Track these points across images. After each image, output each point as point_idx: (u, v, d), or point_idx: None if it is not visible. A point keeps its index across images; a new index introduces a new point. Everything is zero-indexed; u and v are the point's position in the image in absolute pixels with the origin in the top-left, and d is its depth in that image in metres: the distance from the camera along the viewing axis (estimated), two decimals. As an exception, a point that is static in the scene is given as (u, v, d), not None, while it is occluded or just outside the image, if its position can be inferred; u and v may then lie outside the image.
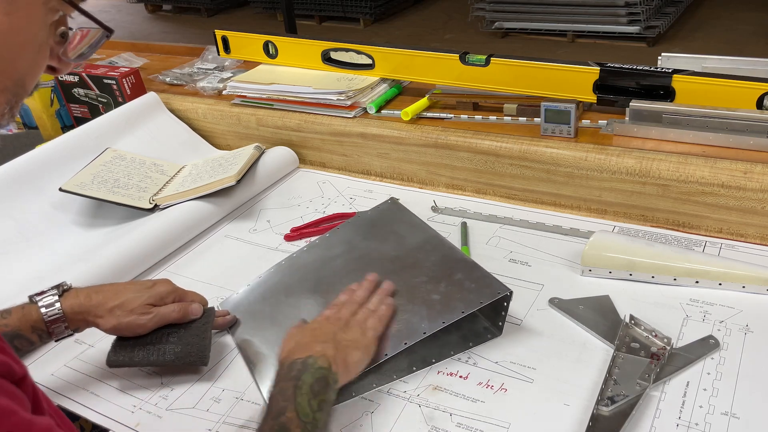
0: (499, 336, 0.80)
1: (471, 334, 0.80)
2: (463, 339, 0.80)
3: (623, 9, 3.89)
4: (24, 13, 0.45)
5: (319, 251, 0.95)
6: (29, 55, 0.48)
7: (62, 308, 0.74)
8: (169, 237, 1.03)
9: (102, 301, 0.76)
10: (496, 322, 0.81)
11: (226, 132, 1.33)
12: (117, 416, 0.74)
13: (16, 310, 0.75)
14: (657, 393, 0.70)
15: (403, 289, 0.82)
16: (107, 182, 1.12)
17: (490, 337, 0.80)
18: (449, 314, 0.76)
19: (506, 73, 1.11)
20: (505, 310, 0.79)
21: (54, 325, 0.74)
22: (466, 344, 0.79)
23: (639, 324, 0.78)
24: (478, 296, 0.77)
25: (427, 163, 1.14)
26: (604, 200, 1.01)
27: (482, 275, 0.81)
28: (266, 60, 1.35)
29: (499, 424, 0.69)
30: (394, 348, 0.74)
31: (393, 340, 0.75)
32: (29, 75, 0.49)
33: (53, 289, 0.76)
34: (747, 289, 0.83)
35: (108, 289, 0.78)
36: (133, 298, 0.76)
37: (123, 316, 0.75)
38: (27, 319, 0.74)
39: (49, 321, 0.74)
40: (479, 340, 0.80)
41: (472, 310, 0.76)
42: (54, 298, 0.75)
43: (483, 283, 0.79)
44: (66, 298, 0.75)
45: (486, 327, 0.81)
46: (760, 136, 0.92)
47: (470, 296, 0.77)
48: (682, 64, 1.08)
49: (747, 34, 3.99)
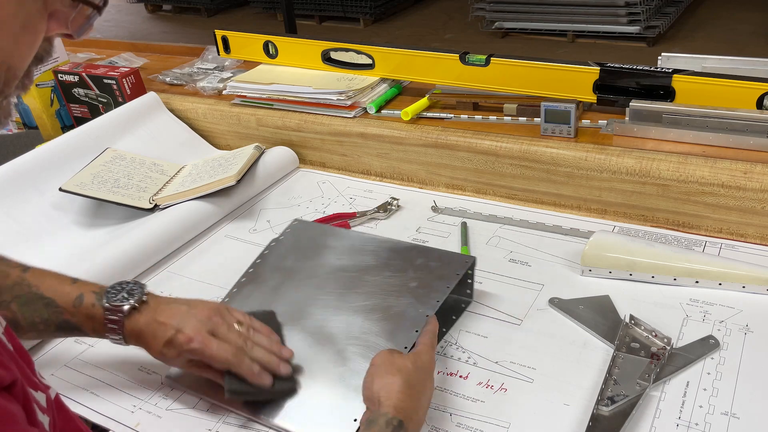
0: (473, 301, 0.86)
1: (450, 310, 0.84)
2: (446, 316, 0.83)
3: (623, 9, 3.89)
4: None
5: (254, 288, 0.88)
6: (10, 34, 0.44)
7: (124, 331, 0.72)
8: (169, 237, 1.03)
9: (159, 334, 0.71)
10: (464, 291, 0.86)
11: (226, 132, 1.33)
12: (117, 416, 0.74)
13: (86, 308, 0.72)
14: (657, 393, 0.70)
15: (380, 290, 0.82)
16: (107, 182, 1.12)
17: (464, 307, 0.85)
18: (436, 293, 0.80)
19: (506, 73, 1.11)
20: (471, 278, 0.85)
21: (110, 336, 0.72)
22: (450, 320, 0.83)
23: (639, 324, 0.78)
24: (451, 270, 0.83)
25: (427, 163, 1.14)
26: (604, 200, 1.01)
27: (439, 254, 0.86)
28: (266, 60, 1.35)
29: (499, 424, 0.69)
30: (408, 339, 0.74)
31: (404, 333, 0.75)
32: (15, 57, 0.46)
33: (130, 297, 0.72)
34: (747, 289, 0.83)
35: (173, 317, 0.71)
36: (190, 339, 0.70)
37: (172, 360, 0.72)
38: (90, 321, 0.72)
39: (107, 332, 0.72)
40: (459, 312, 0.85)
41: (455, 283, 0.81)
42: (121, 314, 0.71)
43: (446, 260, 0.85)
44: (131, 318, 0.71)
45: (457, 298, 0.86)
46: (760, 136, 0.92)
47: (443, 272, 0.82)
48: (682, 64, 1.08)
49: (747, 34, 3.99)
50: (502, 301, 0.86)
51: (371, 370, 0.67)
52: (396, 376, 0.64)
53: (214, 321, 0.72)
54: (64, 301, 0.72)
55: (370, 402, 0.64)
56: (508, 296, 0.87)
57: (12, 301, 0.72)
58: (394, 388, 0.63)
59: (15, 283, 0.73)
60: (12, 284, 0.73)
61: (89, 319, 0.72)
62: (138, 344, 0.73)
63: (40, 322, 0.72)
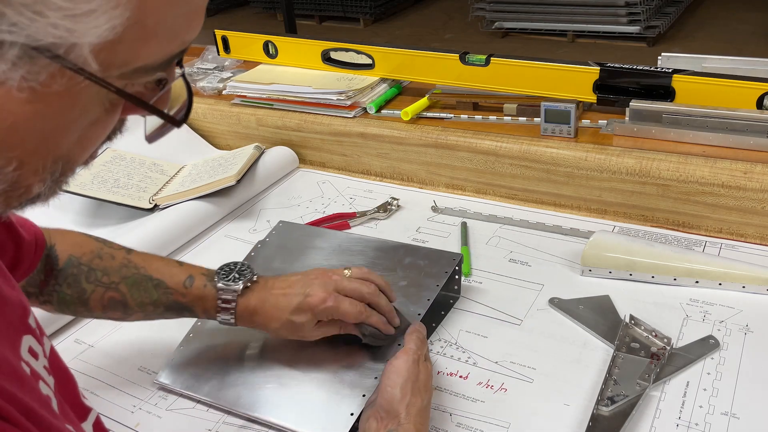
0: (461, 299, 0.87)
1: (438, 306, 0.85)
2: (435, 313, 0.84)
3: (623, 9, 3.89)
4: (55, 100, 0.38)
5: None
6: (71, 135, 0.41)
7: (236, 310, 0.72)
8: (169, 237, 1.03)
9: (283, 304, 0.71)
10: (451, 287, 0.87)
11: (226, 132, 1.33)
12: (117, 416, 0.74)
13: (197, 289, 0.72)
14: (657, 393, 0.70)
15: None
16: (107, 182, 1.12)
17: (453, 303, 0.87)
18: (426, 291, 0.80)
19: (506, 73, 1.11)
20: (458, 274, 0.86)
21: (221, 317, 0.72)
22: (440, 315, 0.84)
23: (639, 324, 0.78)
24: (439, 268, 0.83)
25: (427, 163, 1.14)
26: (604, 200, 1.01)
27: (427, 252, 0.87)
28: (266, 60, 1.35)
29: (499, 424, 0.69)
30: (400, 338, 0.74)
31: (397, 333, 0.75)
32: (75, 152, 0.43)
33: (241, 277, 0.72)
34: (747, 289, 0.83)
35: (294, 285, 0.72)
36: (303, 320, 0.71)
37: (290, 332, 0.73)
38: (201, 302, 0.72)
39: (219, 312, 0.72)
40: (448, 308, 0.86)
41: (444, 281, 0.82)
42: (235, 293, 0.71)
43: (433, 258, 0.86)
44: (244, 297, 0.72)
45: (445, 294, 0.87)
46: (760, 136, 0.92)
47: (432, 271, 0.83)
48: (682, 64, 1.08)
49: (747, 34, 3.99)
50: (502, 300, 0.86)
51: (394, 378, 0.65)
52: (417, 397, 0.65)
53: (334, 279, 0.73)
54: (173, 282, 0.72)
55: (387, 413, 0.64)
56: (508, 296, 0.87)
57: (120, 282, 0.72)
58: (414, 410, 0.64)
59: (122, 264, 0.73)
60: (119, 266, 0.73)
61: (200, 299, 0.72)
62: (250, 323, 0.73)
63: (149, 303, 0.72)
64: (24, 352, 0.48)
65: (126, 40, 0.37)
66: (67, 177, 0.44)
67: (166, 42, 0.40)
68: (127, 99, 0.40)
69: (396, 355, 0.68)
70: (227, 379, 0.75)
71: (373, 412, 0.65)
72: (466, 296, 0.88)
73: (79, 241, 0.75)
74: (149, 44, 0.39)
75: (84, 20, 0.35)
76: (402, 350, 0.69)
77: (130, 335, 0.86)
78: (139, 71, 0.40)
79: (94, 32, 0.36)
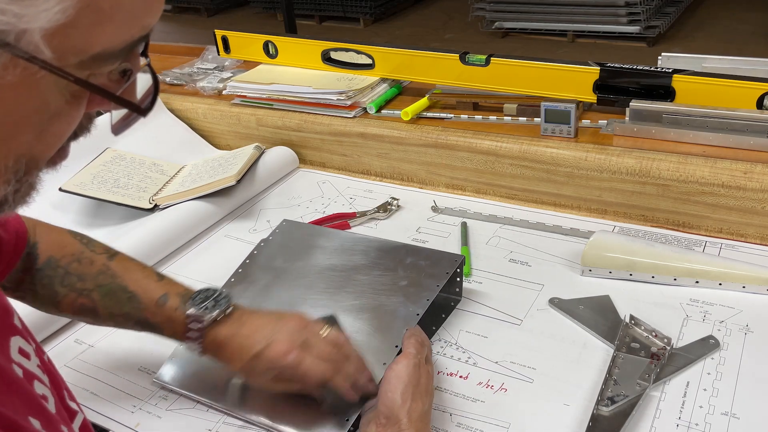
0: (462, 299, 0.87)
1: (439, 309, 0.85)
2: (436, 315, 0.84)
3: (623, 9, 3.89)
4: (9, 92, 0.36)
5: (244, 288, 0.86)
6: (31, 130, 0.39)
7: (204, 340, 0.68)
8: (169, 237, 1.03)
9: (246, 346, 0.67)
10: (453, 290, 0.86)
11: (226, 132, 1.33)
12: (117, 416, 0.74)
13: (169, 310, 0.69)
14: (657, 393, 0.70)
15: (370, 289, 0.83)
16: (107, 182, 1.12)
17: (454, 305, 0.86)
18: (427, 292, 0.80)
19: (506, 73, 1.11)
20: (459, 276, 0.86)
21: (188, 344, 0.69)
22: (441, 318, 0.84)
23: (639, 324, 0.78)
24: (440, 269, 0.83)
25: (427, 163, 1.14)
26: (604, 200, 1.01)
27: (428, 253, 0.87)
28: (266, 60, 1.35)
29: (499, 424, 0.69)
30: (399, 338, 0.74)
31: (395, 332, 0.75)
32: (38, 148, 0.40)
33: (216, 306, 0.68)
34: (747, 289, 0.83)
35: (263, 328, 0.68)
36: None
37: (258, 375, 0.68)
38: (170, 324, 0.69)
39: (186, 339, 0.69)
40: (449, 311, 0.85)
41: (444, 282, 0.81)
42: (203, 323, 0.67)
43: (435, 259, 0.85)
44: (213, 329, 0.67)
45: (446, 296, 0.87)
46: (760, 136, 0.92)
47: (433, 271, 0.83)
48: (682, 64, 1.08)
49: (747, 34, 3.99)
50: (502, 301, 0.86)
51: (395, 383, 0.64)
52: (418, 401, 0.64)
53: (305, 333, 0.68)
54: (147, 298, 0.69)
55: (387, 419, 0.63)
56: (508, 296, 0.87)
57: (94, 290, 0.70)
58: (415, 416, 0.63)
59: (99, 271, 0.71)
60: (96, 273, 0.70)
61: (170, 321, 0.69)
62: (216, 357, 0.68)
63: (120, 314, 0.70)
64: (14, 354, 0.47)
65: (80, 24, 0.35)
66: (33, 177, 0.41)
67: (124, 26, 0.38)
68: (86, 88, 0.38)
69: (396, 359, 0.67)
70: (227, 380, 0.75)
71: (374, 417, 0.64)
72: (466, 296, 0.88)
73: (63, 241, 0.73)
74: (105, 28, 0.37)
75: (33, 3, 0.33)
76: (402, 354, 0.68)
77: (130, 335, 0.85)
78: (99, 59, 0.37)
79: (44, 16, 0.34)
